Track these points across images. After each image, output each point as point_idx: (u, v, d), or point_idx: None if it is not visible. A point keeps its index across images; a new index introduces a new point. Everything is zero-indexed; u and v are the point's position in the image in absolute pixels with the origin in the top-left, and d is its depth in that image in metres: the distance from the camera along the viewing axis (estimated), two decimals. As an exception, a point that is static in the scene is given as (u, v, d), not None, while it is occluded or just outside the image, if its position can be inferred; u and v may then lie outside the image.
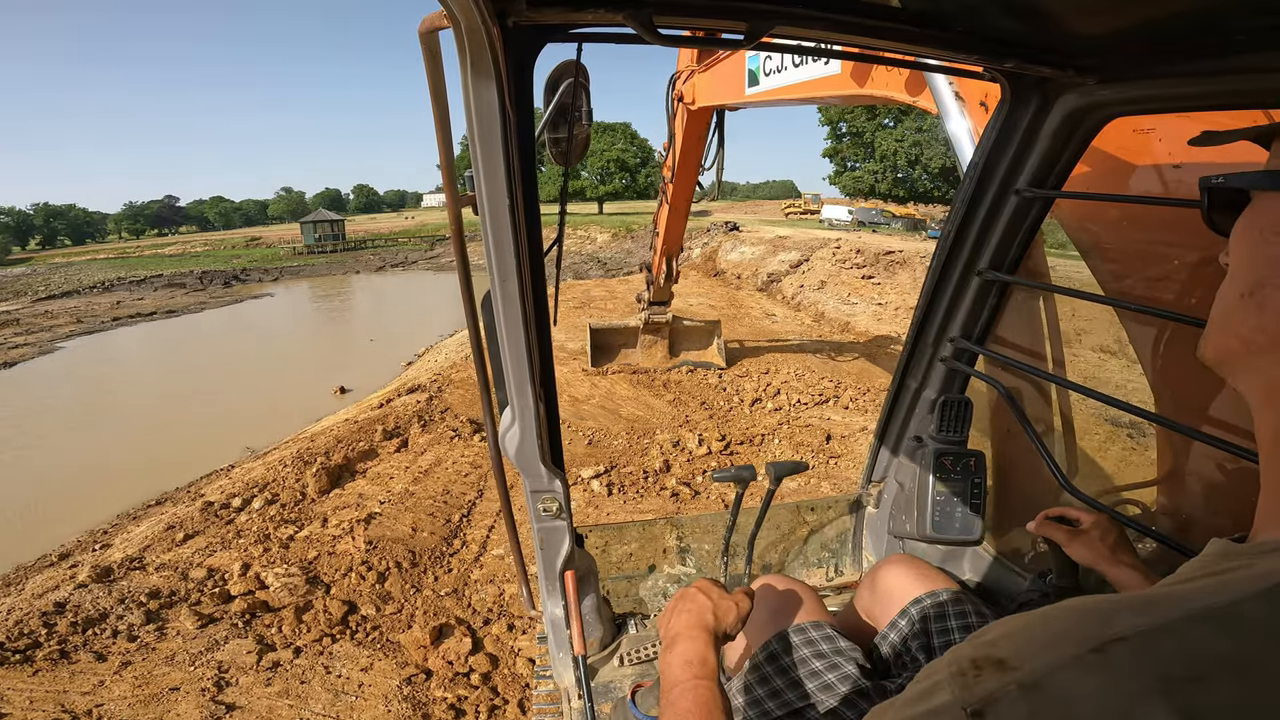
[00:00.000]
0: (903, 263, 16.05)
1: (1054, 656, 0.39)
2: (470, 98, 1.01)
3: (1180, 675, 0.36)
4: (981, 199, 1.59)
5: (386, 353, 14.84)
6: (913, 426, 1.99)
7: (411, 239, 55.68)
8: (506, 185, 1.12)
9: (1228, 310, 0.54)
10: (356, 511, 5.42)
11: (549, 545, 1.66)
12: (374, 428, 7.08)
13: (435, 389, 8.32)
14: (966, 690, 0.41)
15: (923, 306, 1.81)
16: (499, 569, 4.65)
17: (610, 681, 1.85)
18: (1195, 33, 0.95)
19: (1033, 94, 1.38)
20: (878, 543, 2.27)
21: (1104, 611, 0.41)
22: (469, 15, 0.86)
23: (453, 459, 6.38)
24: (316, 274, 40.00)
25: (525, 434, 1.44)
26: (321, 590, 4.40)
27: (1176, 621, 0.38)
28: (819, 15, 1.01)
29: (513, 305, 1.26)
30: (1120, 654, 0.37)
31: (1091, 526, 1.29)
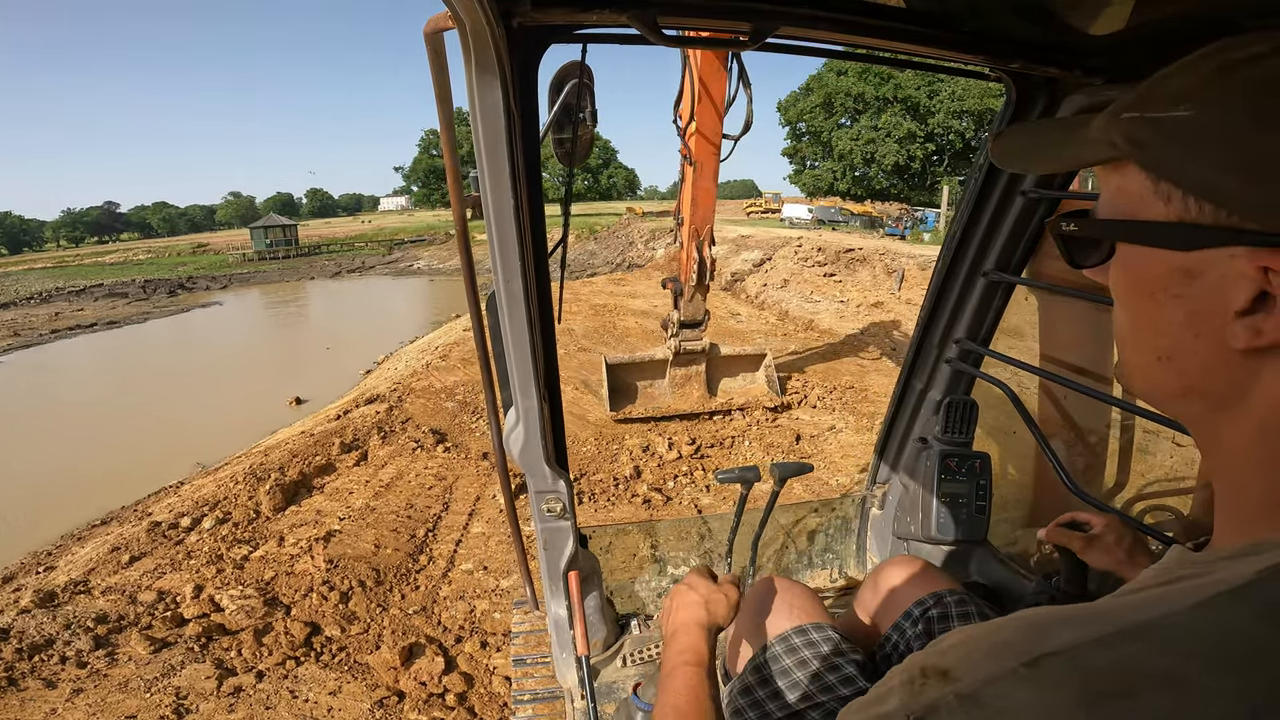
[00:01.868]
0: (863, 260, 16.30)
1: (992, 669, 0.40)
2: (475, 99, 1.00)
3: (1108, 690, 0.36)
4: (987, 200, 1.58)
5: (344, 361, 14.41)
6: (917, 428, 1.98)
7: (369, 243, 54.52)
8: (511, 186, 1.11)
9: (1146, 370, 0.52)
10: (315, 529, 5.23)
11: (552, 545, 1.65)
12: (331, 440, 6.87)
13: (395, 398, 8.09)
14: (912, 698, 0.42)
15: (928, 307, 1.81)
16: (468, 585, 4.54)
17: (613, 682, 1.86)
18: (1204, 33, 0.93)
19: (1039, 94, 1.37)
20: (881, 544, 2.25)
21: (1045, 624, 0.41)
22: (474, 16, 0.86)
23: (415, 471, 6.20)
24: (268, 281, 38.74)
25: (529, 434, 1.43)
26: (281, 612, 4.23)
27: (1109, 635, 0.38)
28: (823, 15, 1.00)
29: (517, 305, 1.26)
30: (1051, 668, 0.38)
31: (1105, 530, 1.28)
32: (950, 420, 1.81)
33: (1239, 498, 0.48)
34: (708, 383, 7.19)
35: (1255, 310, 0.43)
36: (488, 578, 4.60)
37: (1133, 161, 0.48)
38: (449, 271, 36.91)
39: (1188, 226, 0.44)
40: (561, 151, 1.42)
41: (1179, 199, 0.44)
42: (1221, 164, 0.42)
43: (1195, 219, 0.44)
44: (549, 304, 1.42)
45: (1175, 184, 0.45)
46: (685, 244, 6.48)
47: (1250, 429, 0.46)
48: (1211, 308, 0.45)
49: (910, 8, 1.02)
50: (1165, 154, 0.45)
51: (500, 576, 4.60)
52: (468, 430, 7.25)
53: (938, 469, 1.80)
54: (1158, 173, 0.46)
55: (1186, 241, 0.45)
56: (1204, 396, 0.48)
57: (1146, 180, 0.46)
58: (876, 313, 12.80)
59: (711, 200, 6.22)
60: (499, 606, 4.27)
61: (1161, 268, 0.47)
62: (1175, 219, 0.45)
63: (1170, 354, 0.49)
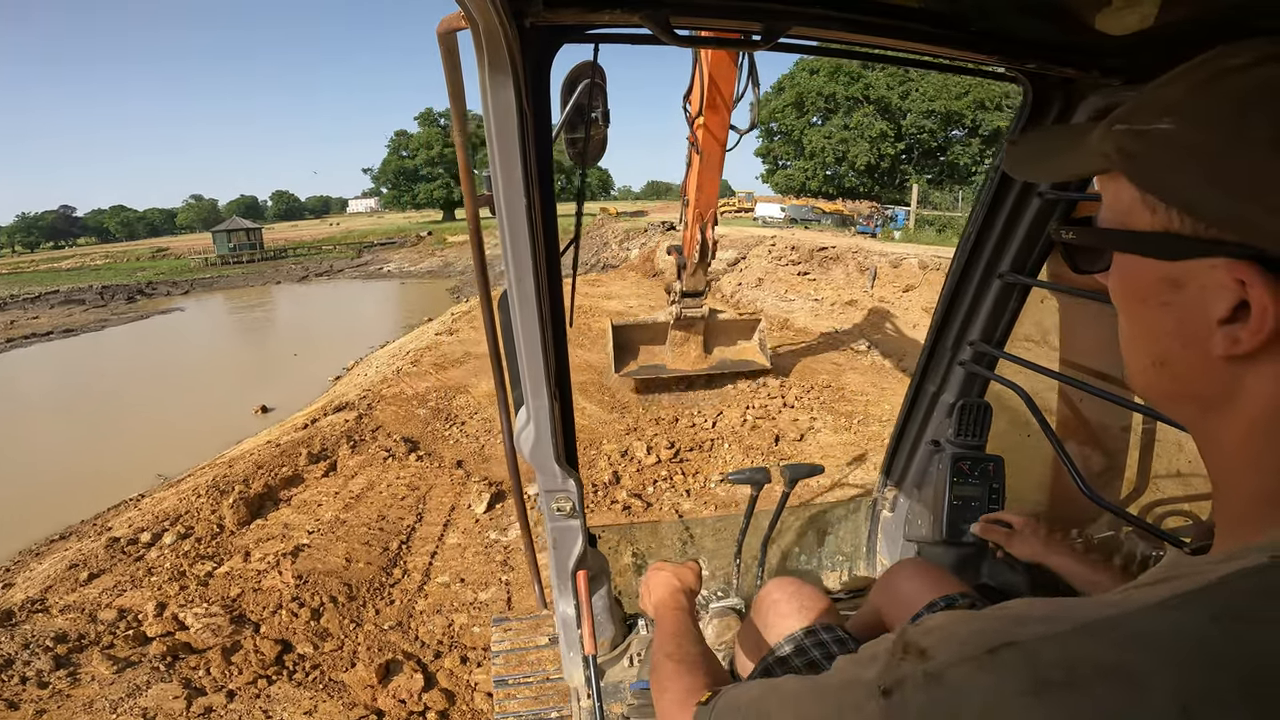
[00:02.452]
0: (836, 258, 16.40)
1: (960, 652, 0.42)
2: (488, 98, 1.00)
3: (1055, 680, 0.38)
4: (1003, 201, 1.57)
5: (312, 367, 14.10)
6: (930, 430, 1.98)
7: (338, 246, 53.51)
8: (524, 185, 1.12)
9: (1144, 375, 0.54)
10: (282, 543, 5.07)
11: (562, 545, 1.66)
12: (298, 450, 6.67)
13: (365, 406, 7.88)
14: (889, 669, 0.45)
15: (942, 309, 1.81)
16: (445, 598, 4.43)
17: (620, 681, 1.87)
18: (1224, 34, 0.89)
19: (1056, 95, 1.36)
20: (892, 547, 2.25)
21: (1020, 616, 0.43)
22: (486, 16, 0.86)
23: (387, 481, 6.04)
24: (232, 285, 37.79)
25: (540, 433, 1.44)
26: (249, 629, 4.09)
27: (1066, 631, 0.40)
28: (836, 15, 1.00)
29: (529, 305, 1.26)
30: (1007, 657, 0.40)
31: (1023, 526, 1.45)
32: (964, 423, 1.82)
33: (1232, 500, 0.50)
34: (705, 346, 7.80)
35: (1234, 319, 0.44)
36: (465, 590, 4.49)
37: (1122, 173, 0.49)
38: (420, 274, 36.44)
39: (1171, 237, 0.46)
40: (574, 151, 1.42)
41: (1163, 210, 0.46)
42: (1202, 178, 0.44)
43: (1178, 230, 0.46)
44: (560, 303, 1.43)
45: (1159, 196, 0.47)
46: (690, 225, 6.92)
47: (1239, 432, 0.47)
48: (1196, 316, 0.46)
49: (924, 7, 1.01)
50: (1150, 166, 0.47)
51: (478, 589, 4.49)
52: (441, 438, 7.10)
53: (950, 472, 1.80)
54: (1144, 184, 0.48)
55: (1170, 251, 0.47)
56: (1196, 401, 0.50)
57: (1135, 191, 0.48)
58: (851, 311, 12.88)
59: (715, 187, 6.59)
60: (478, 620, 4.17)
61: (1150, 276, 0.49)
62: (1160, 229, 0.47)
63: (1163, 360, 0.51)
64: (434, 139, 60.51)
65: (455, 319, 14.06)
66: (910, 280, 13.42)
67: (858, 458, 6.04)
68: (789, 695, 0.57)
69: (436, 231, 50.29)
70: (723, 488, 5.62)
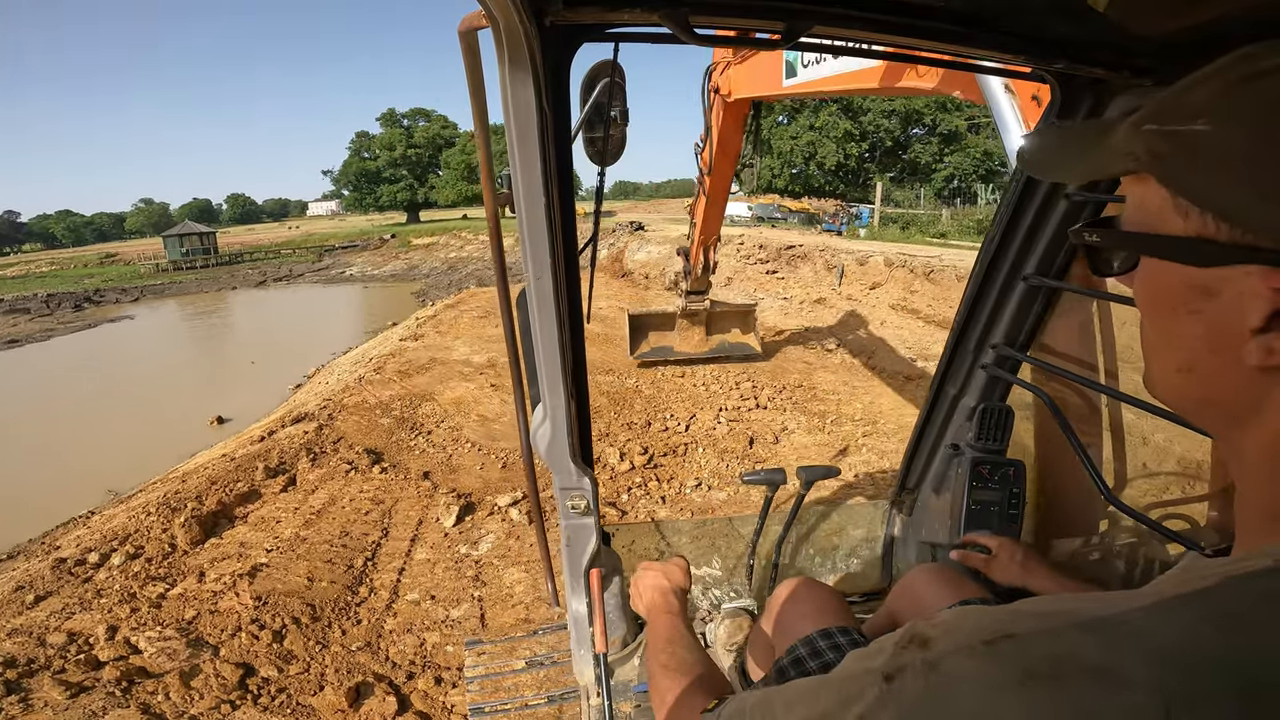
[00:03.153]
0: (803, 256, 16.52)
1: (959, 642, 0.43)
2: (508, 97, 1.01)
3: (1042, 673, 0.39)
4: (1029, 203, 1.54)
5: (271, 376, 13.67)
6: (950, 434, 1.97)
7: (297, 250, 52.08)
8: (543, 184, 1.13)
9: (1169, 381, 0.53)
10: (239, 563, 4.85)
11: (575, 542, 1.66)
12: (255, 464, 6.39)
13: (325, 416, 7.59)
14: (893, 658, 0.46)
15: (964, 311, 1.78)
16: (416, 616, 4.26)
17: (629, 680, 1.88)
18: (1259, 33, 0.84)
19: (1085, 96, 1.33)
20: (909, 551, 2.24)
21: (1019, 613, 0.44)
22: (507, 15, 0.87)
23: (350, 496, 5.82)
24: (185, 292, 36.55)
25: (556, 431, 1.46)
26: (208, 653, 3.90)
27: (1061, 627, 0.41)
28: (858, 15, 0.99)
29: (547, 303, 1.27)
30: (1003, 648, 0.41)
31: (999, 550, 1.47)
32: (985, 427, 1.79)
33: (1252, 508, 0.50)
34: (706, 332, 9.39)
35: (1269, 329, 0.43)
36: (436, 608, 4.34)
37: (1152, 175, 0.48)
38: (383, 278, 35.73)
39: (1205, 243, 0.45)
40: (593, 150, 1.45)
41: (1196, 215, 0.45)
42: (1237, 181, 0.42)
43: (1212, 235, 0.44)
44: (578, 302, 1.45)
45: (1192, 200, 0.45)
46: (696, 244, 8.29)
47: (1264, 443, 0.47)
48: (1228, 325, 0.45)
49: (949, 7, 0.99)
50: (1183, 169, 0.45)
51: (450, 606, 4.33)
52: (406, 448, 6.87)
53: (969, 476, 1.78)
54: (1175, 187, 0.46)
55: (1203, 258, 0.45)
56: (1222, 410, 0.50)
57: (1165, 194, 0.47)
58: (819, 309, 12.96)
59: (718, 221, 7.97)
60: (451, 639, 4.03)
61: (1180, 282, 0.48)
62: (1193, 234, 0.45)
63: (1190, 367, 0.50)
64: (396, 140, 59.47)
65: (420, 323, 13.74)
66: (877, 277, 13.57)
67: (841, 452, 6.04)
68: (795, 692, 0.57)
69: (400, 234, 49.33)
70: (698, 493, 5.54)
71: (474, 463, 6.43)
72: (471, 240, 41.72)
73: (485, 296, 16.83)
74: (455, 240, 43.00)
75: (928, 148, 33.80)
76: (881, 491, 5.23)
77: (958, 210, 24.89)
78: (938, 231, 21.50)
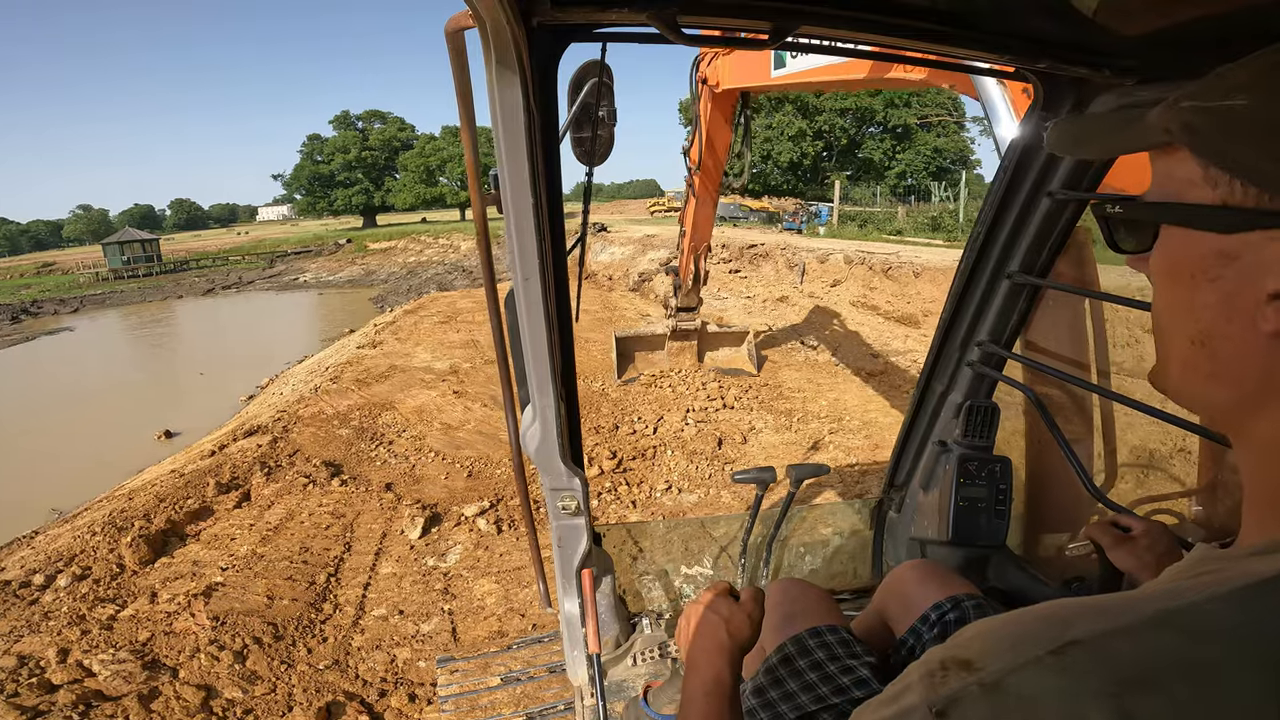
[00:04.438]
0: (765, 255, 16.68)
1: (1015, 658, 0.40)
2: (495, 97, 1.02)
3: (1131, 677, 0.37)
4: (1013, 201, 1.57)
5: (221, 387, 13.18)
6: (937, 431, 1.98)
7: (247, 256, 50.43)
8: (531, 185, 1.13)
9: (1181, 355, 0.53)
10: (192, 583, 4.67)
11: (567, 543, 1.67)
12: (205, 480, 6.15)
13: (280, 429, 7.33)
14: (933, 690, 0.43)
15: (950, 309, 1.81)
16: (384, 632, 4.14)
17: (623, 680, 1.89)
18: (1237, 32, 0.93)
19: (1067, 95, 1.35)
20: (898, 548, 2.26)
21: (1067, 615, 0.42)
22: (494, 15, 0.87)
23: (308, 510, 5.62)
24: (128, 301, 34.99)
25: (546, 432, 1.46)
26: (166, 675, 3.77)
27: (1133, 624, 0.39)
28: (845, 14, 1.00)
29: (535, 304, 1.28)
30: (1076, 656, 0.38)
31: (1141, 534, 1.30)
32: (971, 424, 1.80)
33: (1266, 493, 0.49)
34: (698, 353, 8.75)
35: None
36: (405, 623, 4.23)
37: (1185, 147, 0.49)
38: (339, 284, 34.82)
39: (1231, 210, 0.46)
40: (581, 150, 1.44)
41: (1225, 183, 0.46)
42: (1267, 150, 0.43)
43: (1239, 202, 0.45)
44: (567, 303, 1.45)
45: (1223, 168, 0.46)
46: (686, 253, 7.66)
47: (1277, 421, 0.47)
48: (1246, 291, 0.46)
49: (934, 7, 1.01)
50: (1216, 140, 0.47)
51: (419, 620, 4.21)
52: (367, 459, 6.68)
53: (956, 473, 1.80)
54: (1208, 158, 0.47)
55: (1228, 224, 0.46)
56: (1233, 385, 0.49)
57: (1196, 166, 0.48)
58: (782, 307, 13.08)
59: (709, 225, 7.43)
60: (423, 654, 3.93)
61: (1202, 251, 0.48)
62: (1220, 203, 0.47)
63: (1203, 338, 0.50)
64: (351, 143, 58.09)
65: (379, 330, 13.40)
66: (837, 275, 13.78)
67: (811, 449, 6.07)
68: None
69: (357, 239, 48.20)
70: (669, 496, 5.52)
71: (438, 472, 6.29)
72: (431, 244, 41.04)
73: (446, 301, 16.54)
74: (414, 244, 42.21)
75: (881, 145, 34.54)
76: (851, 489, 5.29)
77: (912, 207, 25.50)
78: (894, 229, 21.99)
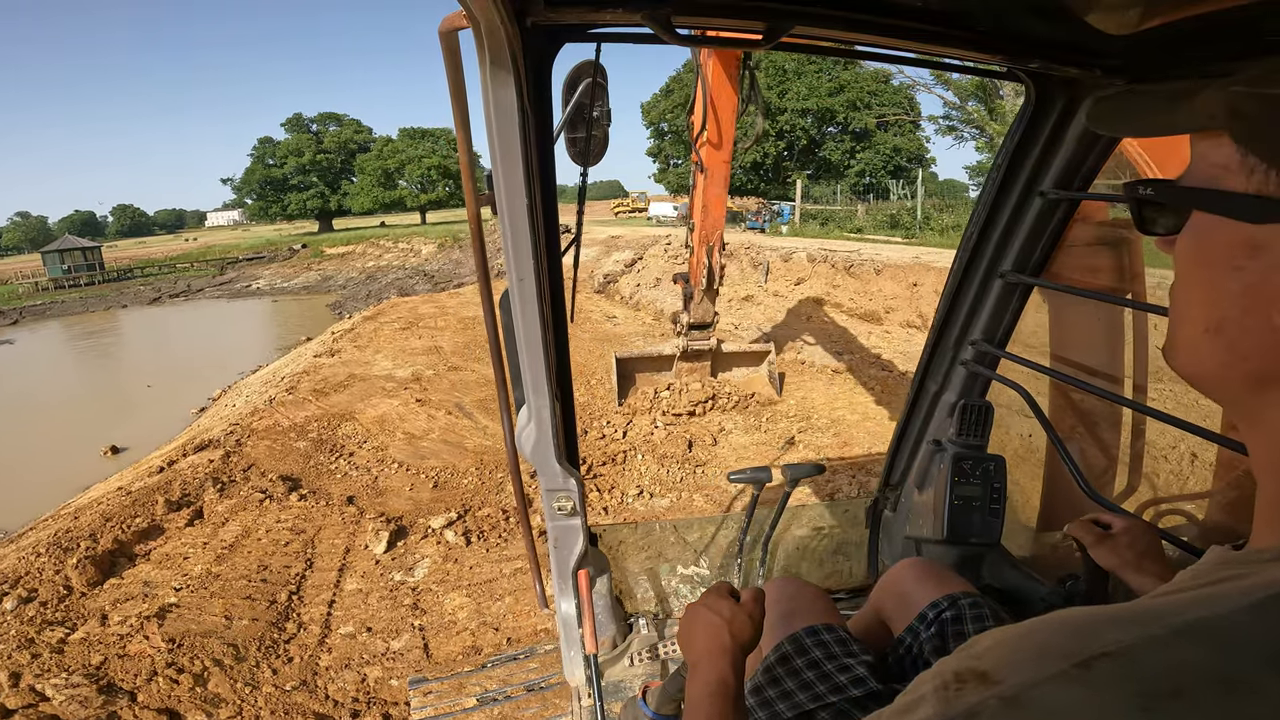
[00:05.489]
0: (729, 254, 16.73)
1: (1037, 671, 0.38)
2: (489, 97, 1.01)
3: (1163, 691, 0.35)
4: (1005, 200, 1.58)
5: (171, 400, 12.65)
6: (931, 430, 1.99)
7: (195, 263, 48.70)
8: (525, 185, 1.13)
9: (1193, 340, 0.52)
10: (145, 604, 4.49)
11: (563, 544, 1.68)
12: (154, 497, 5.88)
13: (233, 442, 7.05)
14: (948, 704, 0.41)
15: (943, 308, 1.82)
16: (353, 651, 4.01)
17: (620, 680, 1.91)
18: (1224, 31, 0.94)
19: (1059, 94, 1.37)
20: (894, 547, 2.27)
21: (1091, 625, 0.41)
22: (488, 15, 0.87)
23: (266, 526, 5.41)
24: (69, 312, 33.40)
25: (541, 432, 1.46)
26: (124, 699, 3.63)
27: (1163, 635, 0.38)
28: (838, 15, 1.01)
29: (530, 304, 1.28)
30: (1105, 669, 0.37)
31: (1121, 531, 1.30)
32: (965, 423, 1.82)
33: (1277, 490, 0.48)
34: (711, 375, 7.45)
35: None
36: (374, 640, 4.10)
37: (1227, 133, 0.48)
38: (295, 290, 33.85)
39: (1265, 199, 0.46)
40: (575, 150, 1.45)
41: (1262, 172, 0.46)
42: None
43: (1273, 193, 0.45)
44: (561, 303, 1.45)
45: (1262, 157, 0.46)
46: (696, 249, 6.50)
47: None
48: (1269, 281, 0.45)
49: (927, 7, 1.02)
50: (1261, 128, 0.47)
51: (389, 638, 4.09)
52: (326, 473, 6.46)
53: (951, 472, 1.81)
54: (1250, 145, 0.47)
55: (1259, 213, 0.46)
56: (1246, 376, 0.49)
57: (1235, 152, 0.48)
58: (747, 306, 13.16)
59: (722, 207, 6.29)
60: (394, 672, 3.83)
61: (1229, 239, 0.48)
62: (1254, 192, 0.46)
63: (1219, 327, 0.49)
64: (304, 145, 56.55)
65: (336, 338, 13.04)
66: (801, 273, 13.93)
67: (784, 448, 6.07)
68: None
69: (312, 244, 46.94)
70: (640, 502, 5.46)
71: (402, 484, 6.12)
72: (391, 248, 40.23)
73: (407, 307, 16.19)
74: (373, 249, 41.31)
75: (841, 144, 35.08)
76: (823, 488, 5.31)
77: (872, 205, 25.96)
78: (854, 226, 22.34)
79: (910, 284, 11.62)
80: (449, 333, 12.17)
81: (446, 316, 13.87)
